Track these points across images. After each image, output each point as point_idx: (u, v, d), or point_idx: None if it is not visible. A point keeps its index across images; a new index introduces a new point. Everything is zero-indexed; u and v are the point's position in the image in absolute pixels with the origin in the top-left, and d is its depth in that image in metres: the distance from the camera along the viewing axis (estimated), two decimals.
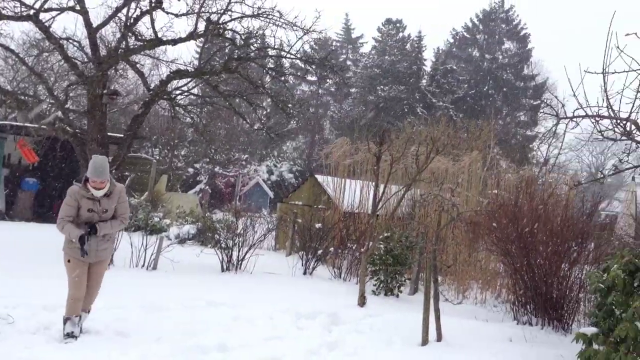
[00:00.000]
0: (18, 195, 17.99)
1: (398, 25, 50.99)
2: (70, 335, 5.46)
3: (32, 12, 10.90)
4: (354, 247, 11.56)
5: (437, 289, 6.80)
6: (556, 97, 7.68)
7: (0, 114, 19.70)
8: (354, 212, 13.74)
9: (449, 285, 11.09)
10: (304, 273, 11.42)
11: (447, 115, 28.57)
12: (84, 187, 5.56)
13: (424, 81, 47.25)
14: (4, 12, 10.79)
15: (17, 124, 17.86)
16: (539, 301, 7.84)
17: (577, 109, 5.78)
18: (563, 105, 6.44)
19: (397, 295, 9.81)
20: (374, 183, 9.64)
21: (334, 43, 52.72)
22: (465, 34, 50.06)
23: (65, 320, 5.54)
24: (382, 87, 45.09)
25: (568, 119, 6.12)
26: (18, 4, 10.87)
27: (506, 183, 14.52)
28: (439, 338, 6.45)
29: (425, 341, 6.34)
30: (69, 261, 5.60)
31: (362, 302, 8.44)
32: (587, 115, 5.78)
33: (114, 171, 11.61)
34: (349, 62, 54.01)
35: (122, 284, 6.50)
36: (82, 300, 5.62)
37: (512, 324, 7.81)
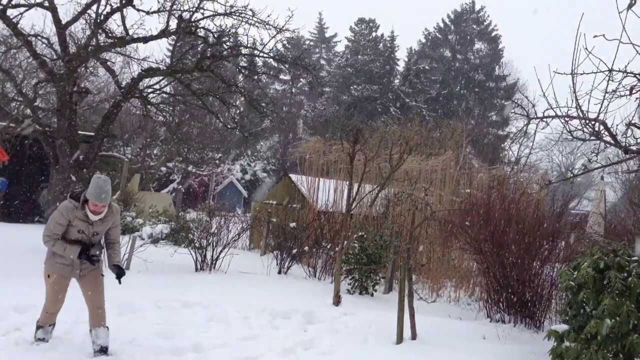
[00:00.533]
0: None
1: (371, 24, 51.23)
2: (41, 340, 5.31)
3: None
4: (328, 246, 11.57)
5: (412, 288, 6.85)
6: (527, 97, 7.83)
7: None
8: (328, 211, 13.75)
9: (423, 283, 11.18)
10: (279, 272, 11.39)
11: (420, 115, 28.77)
12: (80, 208, 5.12)
13: (397, 81, 47.60)
14: None
15: None
16: (511, 299, 7.96)
17: (547, 109, 5.88)
18: (534, 106, 6.55)
19: (372, 294, 9.85)
20: (347, 182, 9.67)
21: (307, 42, 52.78)
22: (437, 34, 50.54)
23: (38, 327, 5.35)
24: (355, 86, 45.27)
25: (538, 119, 6.21)
26: None
27: (478, 182, 14.69)
28: (414, 336, 6.50)
29: (400, 339, 6.38)
30: (48, 276, 5.23)
31: (337, 301, 8.46)
32: (556, 116, 5.88)
33: (85, 171, 11.50)
34: (322, 62, 54.08)
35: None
36: (57, 313, 5.38)
37: (486, 322, 7.91)
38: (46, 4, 11.12)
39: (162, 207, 18.66)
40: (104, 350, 5.25)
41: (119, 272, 5.30)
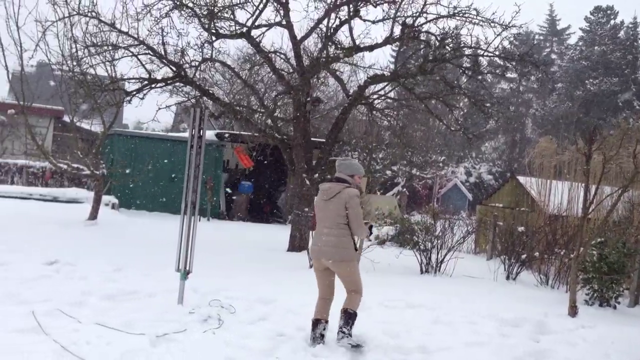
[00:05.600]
0: (236, 197, 19.85)
1: (609, 12, 46.65)
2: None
3: (244, 29, 11.98)
4: (562, 253, 10.80)
5: None
6: None
7: (219, 123, 21.89)
8: (561, 215, 12.85)
9: None
10: (507, 278, 10.94)
11: None
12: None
13: None
14: (221, 31, 12.02)
15: (234, 132, 19.78)
16: None
17: None
18: None
19: (614, 307, 8.93)
20: (583, 184, 8.94)
21: (536, 37, 49.98)
22: None
23: (355, 315, 5.62)
24: (591, 80, 41.58)
25: None
26: (233, 24, 12.05)
27: None
28: None
29: None
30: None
31: (573, 311, 7.85)
32: None
33: (317, 175, 12.33)
34: (553, 56, 50.76)
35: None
36: None
37: None
38: (283, 22, 12.14)
39: (387, 209, 19.13)
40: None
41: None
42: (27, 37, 12.03)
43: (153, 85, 12.07)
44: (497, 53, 12.26)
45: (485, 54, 12.33)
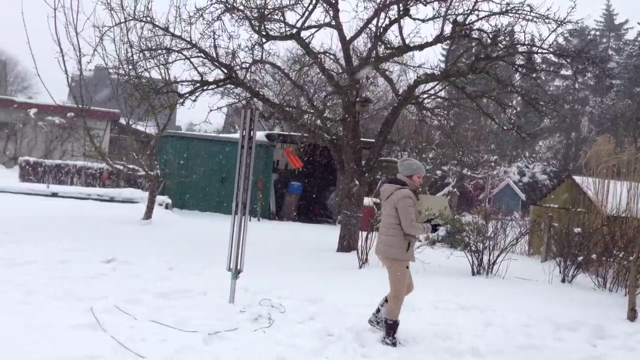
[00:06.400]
0: (285, 197, 20.01)
1: None
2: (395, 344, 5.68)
3: (294, 31, 12.06)
4: (620, 255, 10.44)
5: None
6: None
7: (269, 124, 22.11)
8: (619, 216, 12.41)
9: None
10: (562, 281, 10.64)
11: None
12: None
13: None
14: (271, 33, 12.14)
15: (284, 133, 19.93)
16: None
17: None
18: None
19: None
20: None
21: (592, 32, 48.43)
22: None
23: (395, 324, 5.74)
24: None
25: None
26: (283, 25, 12.15)
27: None
28: None
29: None
30: (407, 267, 5.84)
31: (632, 315, 7.58)
32: None
33: (366, 175, 12.30)
34: (610, 52, 48.96)
35: (369, 284, 6.92)
36: None
37: None
38: (333, 23, 12.16)
39: (437, 209, 18.90)
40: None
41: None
42: (86, 42, 12.49)
43: (205, 88, 12.28)
44: (551, 50, 11.93)
45: (539, 51, 12.03)
